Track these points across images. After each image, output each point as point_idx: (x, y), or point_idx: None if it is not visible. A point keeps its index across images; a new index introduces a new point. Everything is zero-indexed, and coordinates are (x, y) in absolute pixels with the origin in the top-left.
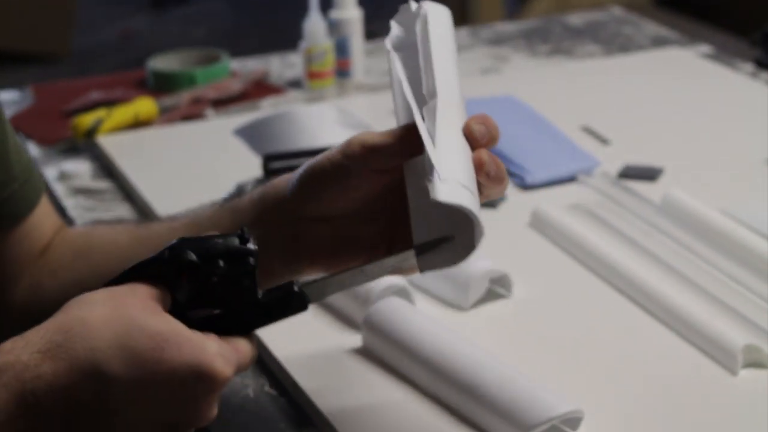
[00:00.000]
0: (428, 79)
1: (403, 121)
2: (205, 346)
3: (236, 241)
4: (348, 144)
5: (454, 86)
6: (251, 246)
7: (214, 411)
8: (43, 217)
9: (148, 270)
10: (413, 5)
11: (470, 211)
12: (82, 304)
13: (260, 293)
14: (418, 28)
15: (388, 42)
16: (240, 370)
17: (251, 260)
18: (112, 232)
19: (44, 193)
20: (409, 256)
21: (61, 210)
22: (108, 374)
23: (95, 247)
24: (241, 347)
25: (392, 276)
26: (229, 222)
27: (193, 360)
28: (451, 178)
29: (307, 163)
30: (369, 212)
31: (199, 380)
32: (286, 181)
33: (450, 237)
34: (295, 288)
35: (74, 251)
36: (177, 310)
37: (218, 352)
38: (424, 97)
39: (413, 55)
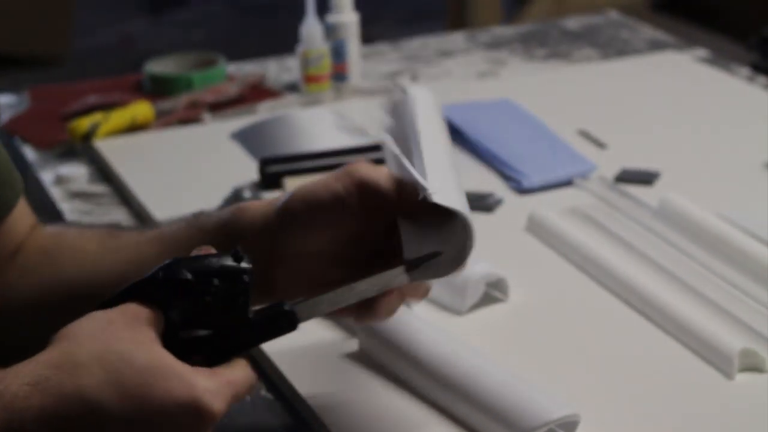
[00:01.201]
0: (418, 162)
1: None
2: (194, 382)
3: (230, 260)
4: (348, 176)
5: (446, 162)
6: (245, 264)
7: None
8: (19, 218)
9: (143, 291)
10: (399, 91)
11: (463, 214)
12: (72, 337)
13: (251, 312)
14: (406, 111)
15: (381, 130)
16: (237, 399)
17: (246, 278)
18: (81, 239)
19: (22, 194)
20: (400, 273)
21: (57, 214)
22: (98, 410)
23: (64, 252)
24: (236, 377)
25: None
26: (197, 242)
27: (181, 397)
28: (443, 190)
29: (296, 192)
30: (350, 252)
31: (188, 416)
32: (261, 209)
33: (438, 253)
34: (285, 307)
35: (42, 255)
36: (169, 329)
37: (207, 388)
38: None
39: (404, 140)
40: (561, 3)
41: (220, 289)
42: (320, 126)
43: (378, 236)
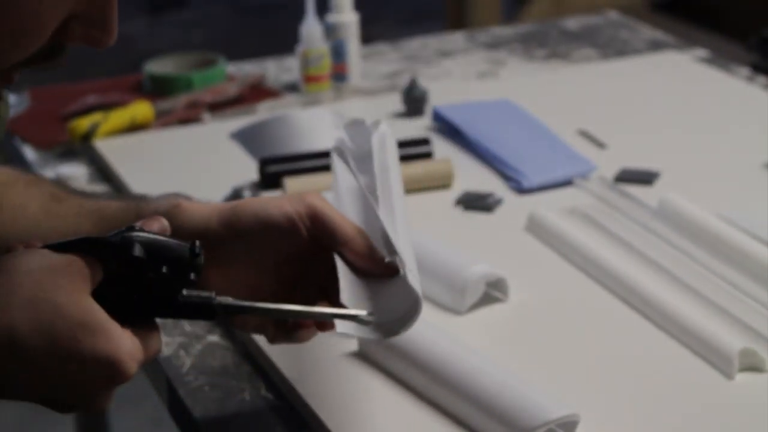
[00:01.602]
0: (384, 185)
1: (353, 211)
2: (119, 343)
3: (186, 253)
4: (302, 203)
5: (402, 201)
6: (199, 262)
7: (109, 403)
8: None
9: (93, 247)
10: (368, 122)
11: (419, 301)
12: (12, 271)
13: (181, 294)
14: (375, 141)
15: (334, 146)
16: (145, 363)
17: (192, 276)
18: (24, 196)
19: None
20: (329, 317)
21: None
22: (23, 348)
23: (5, 207)
24: (151, 346)
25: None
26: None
27: (105, 355)
28: (413, 272)
29: (248, 205)
30: (287, 272)
31: (105, 374)
32: (201, 211)
33: (371, 314)
34: (213, 302)
35: None
36: (102, 283)
37: (130, 351)
38: (378, 196)
39: (365, 163)
40: (560, 3)
41: (166, 275)
42: (320, 126)
43: (318, 265)
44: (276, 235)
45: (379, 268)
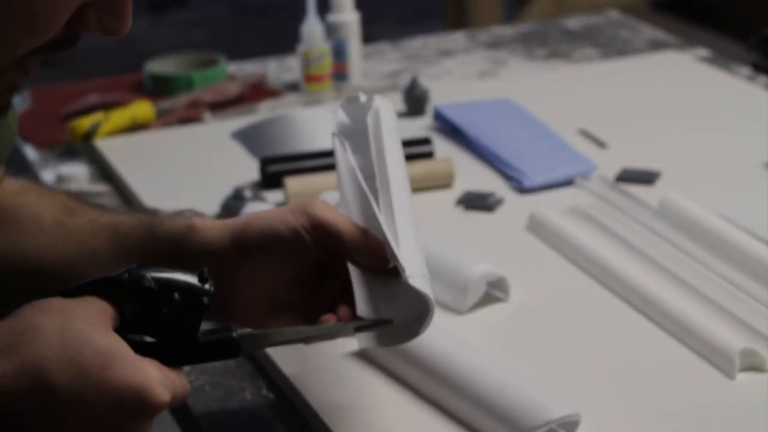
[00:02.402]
0: (381, 171)
1: (356, 209)
2: (148, 370)
3: (195, 279)
4: (305, 214)
5: (403, 176)
6: (208, 287)
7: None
8: None
9: (105, 287)
10: (362, 97)
11: (430, 301)
12: (35, 311)
13: (200, 332)
14: (370, 120)
15: (333, 127)
16: (175, 401)
17: (205, 300)
18: (40, 207)
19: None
20: (348, 329)
21: None
22: (52, 384)
23: (20, 219)
24: (183, 383)
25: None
26: (149, 248)
27: (134, 382)
28: (417, 273)
29: (253, 222)
30: (302, 282)
31: (137, 402)
32: (214, 231)
33: (389, 321)
34: (233, 335)
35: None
36: (120, 328)
37: (159, 379)
38: (377, 188)
39: (363, 144)
40: (561, 3)
41: (179, 303)
42: (321, 126)
43: (336, 266)
44: (284, 248)
45: (390, 264)
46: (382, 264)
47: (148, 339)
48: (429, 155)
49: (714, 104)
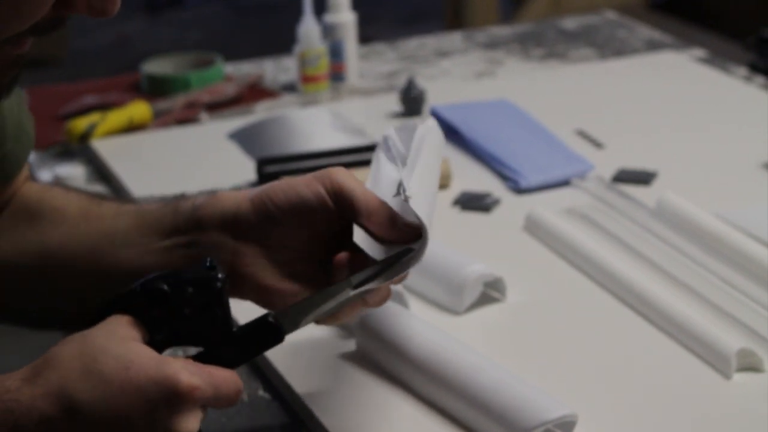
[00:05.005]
0: (411, 163)
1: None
2: (168, 361)
3: (203, 270)
4: (328, 178)
5: (434, 187)
6: (218, 273)
7: (191, 425)
8: (22, 173)
9: (122, 303)
10: (417, 123)
11: (425, 226)
12: (58, 344)
13: (235, 326)
14: (418, 135)
15: (380, 140)
16: (221, 396)
17: (218, 284)
18: (64, 199)
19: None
20: (388, 268)
21: None
22: (78, 404)
23: (45, 213)
24: (220, 372)
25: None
26: (169, 220)
27: (157, 374)
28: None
29: (277, 186)
30: (319, 251)
31: (165, 393)
32: (234, 197)
33: (411, 249)
34: (270, 319)
35: (25, 213)
36: (158, 346)
37: (182, 366)
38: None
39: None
40: (558, 3)
41: (195, 296)
42: (318, 126)
43: (343, 240)
44: (307, 212)
45: (403, 236)
46: (394, 235)
47: (193, 350)
48: None
49: (711, 104)
